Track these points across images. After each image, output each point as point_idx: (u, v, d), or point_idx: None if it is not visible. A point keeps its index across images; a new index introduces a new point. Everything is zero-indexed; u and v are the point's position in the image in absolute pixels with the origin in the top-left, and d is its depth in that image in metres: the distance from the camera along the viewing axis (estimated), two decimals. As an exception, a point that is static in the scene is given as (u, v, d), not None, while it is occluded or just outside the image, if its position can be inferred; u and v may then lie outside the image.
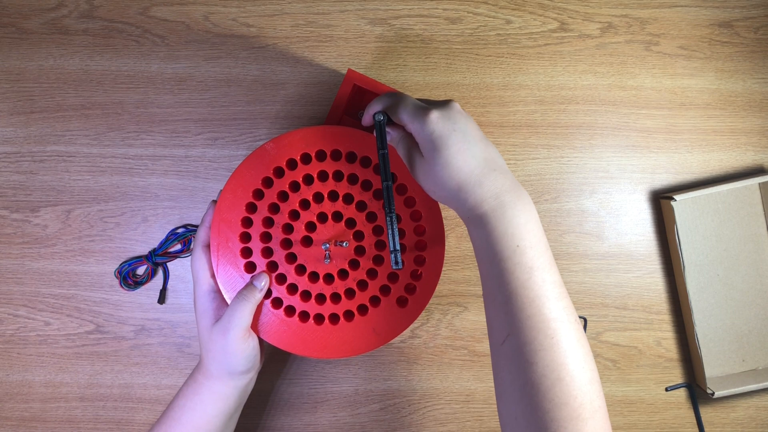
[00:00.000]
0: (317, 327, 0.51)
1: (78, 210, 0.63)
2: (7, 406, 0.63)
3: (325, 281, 0.51)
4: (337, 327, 0.51)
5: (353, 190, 0.51)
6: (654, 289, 0.64)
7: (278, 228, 0.50)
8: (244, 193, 0.50)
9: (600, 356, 0.64)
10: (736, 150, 0.64)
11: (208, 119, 0.63)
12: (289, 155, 0.50)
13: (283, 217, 0.50)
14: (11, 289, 0.63)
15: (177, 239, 0.62)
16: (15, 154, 0.63)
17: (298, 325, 0.51)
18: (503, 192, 0.43)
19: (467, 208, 0.43)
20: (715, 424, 0.64)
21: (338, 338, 0.51)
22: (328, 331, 0.51)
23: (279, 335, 0.51)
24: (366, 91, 0.55)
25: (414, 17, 0.63)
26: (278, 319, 0.51)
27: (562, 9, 0.64)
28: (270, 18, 0.63)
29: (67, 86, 0.63)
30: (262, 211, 0.50)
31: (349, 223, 0.51)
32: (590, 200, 0.64)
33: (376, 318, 0.51)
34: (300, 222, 0.51)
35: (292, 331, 0.51)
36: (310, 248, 0.51)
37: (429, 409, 0.64)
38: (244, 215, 0.50)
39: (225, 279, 0.50)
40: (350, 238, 0.51)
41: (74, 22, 0.63)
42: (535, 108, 0.64)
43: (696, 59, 0.64)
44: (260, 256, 0.50)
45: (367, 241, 0.51)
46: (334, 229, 0.51)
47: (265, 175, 0.50)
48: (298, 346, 0.51)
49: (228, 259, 0.50)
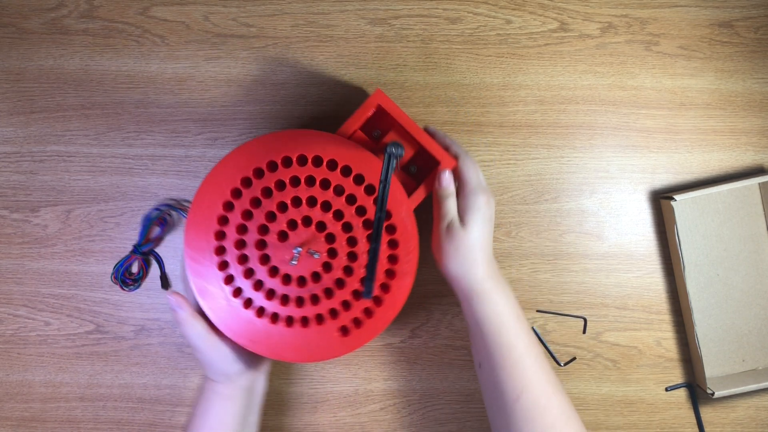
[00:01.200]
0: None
1: (78, 210, 0.63)
2: (7, 406, 0.63)
3: (295, 283, 0.50)
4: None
5: (335, 201, 0.50)
6: (654, 289, 0.64)
7: (254, 228, 0.49)
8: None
9: (600, 356, 0.64)
10: (736, 150, 0.64)
11: (208, 119, 0.63)
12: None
13: (259, 216, 0.49)
14: (11, 289, 0.63)
15: (151, 223, 0.61)
16: (15, 154, 0.63)
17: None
18: (497, 274, 0.53)
19: (477, 279, 0.51)
20: (715, 424, 0.64)
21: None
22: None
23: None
24: (387, 114, 0.54)
25: (414, 17, 0.63)
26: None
27: (562, 9, 0.64)
28: (270, 18, 0.63)
29: (67, 86, 0.63)
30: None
31: (320, 228, 0.50)
32: (590, 200, 0.64)
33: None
34: (276, 224, 0.49)
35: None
36: (282, 250, 0.50)
37: (429, 409, 0.64)
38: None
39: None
40: (322, 241, 0.50)
41: (74, 22, 0.63)
42: (535, 108, 0.64)
43: (696, 59, 0.64)
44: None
45: (341, 249, 0.50)
46: (307, 234, 0.50)
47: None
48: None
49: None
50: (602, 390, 0.64)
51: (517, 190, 0.64)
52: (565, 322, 0.64)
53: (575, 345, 0.64)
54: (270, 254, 0.50)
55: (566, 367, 0.64)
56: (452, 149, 0.55)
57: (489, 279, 0.51)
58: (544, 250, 0.64)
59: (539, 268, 0.64)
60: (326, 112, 0.63)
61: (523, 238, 0.64)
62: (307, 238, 0.50)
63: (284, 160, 0.50)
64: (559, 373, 0.64)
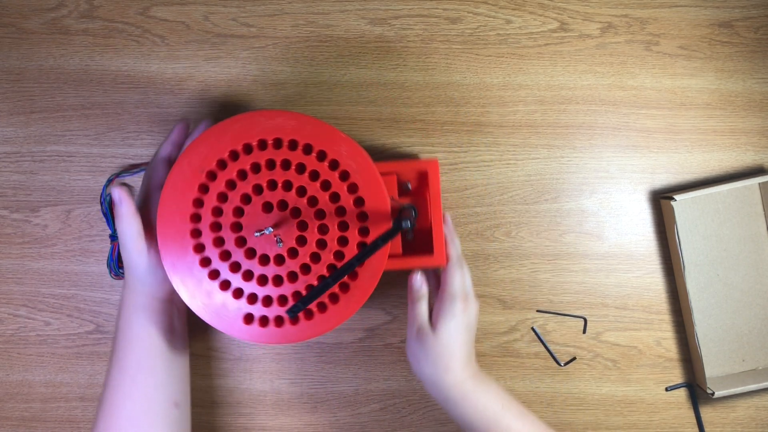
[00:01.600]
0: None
1: (78, 210, 0.63)
2: (7, 406, 0.63)
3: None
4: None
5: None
6: (654, 289, 0.64)
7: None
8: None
9: (600, 356, 0.64)
10: (736, 150, 0.64)
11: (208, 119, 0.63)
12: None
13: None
14: (11, 289, 0.63)
15: (110, 207, 0.60)
16: (15, 154, 0.63)
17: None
18: (477, 373, 0.52)
19: (450, 385, 0.51)
20: (715, 424, 0.64)
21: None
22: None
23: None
24: (426, 183, 0.54)
25: (414, 17, 0.63)
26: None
27: (562, 9, 0.64)
28: (270, 18, 0.63)
29: (67, 86, 0.63)
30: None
31: (294, 214, 0.50)
32: (590, 200, 0.64)
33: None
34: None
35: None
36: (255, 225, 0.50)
37: (429, 409, 0.64)
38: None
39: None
40: (294, 228, 0.49)
41: (74, 22, 0.63)
42: (535, 108, 0.64)
43: (696, 59, 0.64)
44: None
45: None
46: (278, 216, 0.50)
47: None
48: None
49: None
50: (602, 390, 0.64)
51: (517, 190, 0.64)
52: (565, 322, 0.64)
53: (575, 345, 0.64)
54: (244, 226, 0.49)
55: (566, 367, 0.64)
56: (449, 248, 0.54)
57: (467, 381, 0.51)
58: (544, 250, 0.64)
59: (539, 268, 0.64)
60: (326, 112, 0.63)
61: (523, 238, 0.64)
62: (280, 220, 0.49)
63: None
64: (558, 373, 0.64)
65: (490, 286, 0.64)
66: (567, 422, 0.64)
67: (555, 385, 0.64)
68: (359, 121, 0.63)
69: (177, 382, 0.54)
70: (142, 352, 0.51)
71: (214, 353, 0.63)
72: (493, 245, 0.64)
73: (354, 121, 0.63)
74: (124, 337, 0.52)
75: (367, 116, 0.63)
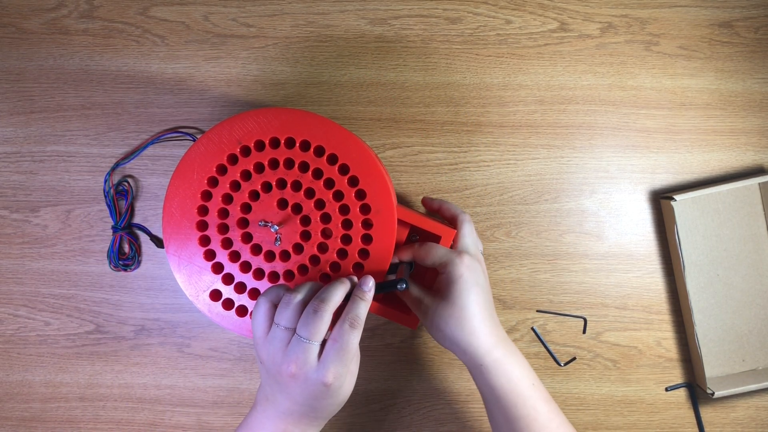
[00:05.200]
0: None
1: (78, 210, 0.63)
2: (7, 406, 0.63)
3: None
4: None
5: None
6: (654, 289, 0.64)
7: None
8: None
9: (600, 356, 0.64)
10: (736, 150, 0.64)
11: (208, 119, 0.63)
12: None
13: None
14: (11, 289, 0.63)
15: (112, 198, 0.61)
16: (15, 154, 0.63)
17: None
18: (506, 340, 0.50)
19: (482, 352, 0.48)
20: (715, 424, 0.64)
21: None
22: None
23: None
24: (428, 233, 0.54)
25: (414, 17, 0.63)
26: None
27: (562, 9, 0.64)
28: (270, 18, 0.63)
29: (67, 86, 0.63)
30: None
31: (297, 210, 0.49)
32: (590, 200, 0.64)
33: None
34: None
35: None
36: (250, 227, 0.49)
37: (429, 409, 0.64)
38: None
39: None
40: (297, 223, 0.49)
41: (74, 22, 0.63)
42: (535, 108, 0.64)
43: (696, 59, 0.64)
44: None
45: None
46: (283, 214, 0.49)
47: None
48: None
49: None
50: (602, 390, 0.64)
51: (517, 190, 0.64)
52: (565, 322, 0.64)
53: (575, 345, 0.64)
54: (251, 222, 0.49)
55: (566, 367, 0.64)
56: (452, 212, 0.54)
57: (497, 347, 0.48)
58: (544, 250, 0.64)
59: (539, 268, 0.64)
60: (326, 112, 0.63)
61: (523, 238, 0.64)
62: (283, 218, 0.49)
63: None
64: (558, 373, 0.64)
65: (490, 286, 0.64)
66: (567, 422, 0.64)
67: (555, 385, 0.64)
68: (359, 121, 0.63)
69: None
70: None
71: (214, 353, 0.63)
72: (493, 245, 0.64)
73: (354, 121, 0.63)
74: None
75: (367, 116, 0.63)
